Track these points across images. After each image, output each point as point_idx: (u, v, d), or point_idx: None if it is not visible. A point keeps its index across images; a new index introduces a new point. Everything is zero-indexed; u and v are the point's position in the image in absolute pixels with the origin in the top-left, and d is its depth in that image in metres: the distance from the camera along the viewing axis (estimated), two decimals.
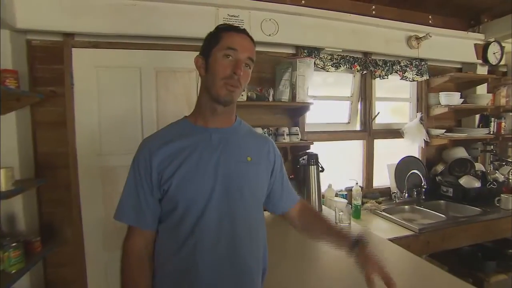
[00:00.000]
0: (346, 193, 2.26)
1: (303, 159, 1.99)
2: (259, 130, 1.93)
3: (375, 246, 1.48)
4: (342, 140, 2.46)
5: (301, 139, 2.11)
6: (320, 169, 1.95)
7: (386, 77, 2.45)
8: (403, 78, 2.54)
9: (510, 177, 2.71)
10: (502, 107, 2.77)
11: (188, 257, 0.82)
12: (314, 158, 1.98)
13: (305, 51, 2.16)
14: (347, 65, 2.30)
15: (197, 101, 0.93)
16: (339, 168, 2.44)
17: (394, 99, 2.78)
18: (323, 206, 2.03)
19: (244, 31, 0.88)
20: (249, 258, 0.88)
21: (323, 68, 2.24)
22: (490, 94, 2.73)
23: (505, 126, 2.79)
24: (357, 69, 2.34)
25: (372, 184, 2.53)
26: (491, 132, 2.74)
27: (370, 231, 1.77)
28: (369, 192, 2.45)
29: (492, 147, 2.75)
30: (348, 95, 2.53)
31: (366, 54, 2.41)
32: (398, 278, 1.13)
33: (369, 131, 2.50)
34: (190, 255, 0.82)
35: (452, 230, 2.02)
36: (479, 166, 2.65)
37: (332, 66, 2.24)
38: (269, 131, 2.04)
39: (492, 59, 2.81)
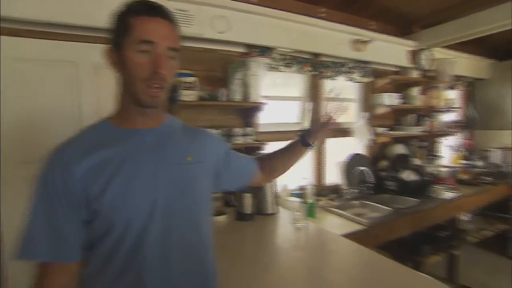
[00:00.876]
0: (301, 192, 2.29)
1: None
2: (212, 131, 1.85)
3: (331, 243, 1.52)
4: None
5: (255, 140, 2.08)
6: None
7: (335, 78, 2.55)
8: (350, 79, 2.68)
9: (440, 170, 3.02)
10: (432, 108, 3.09)
11: (135, 281, 0.70)
12: None
13: (257, 50, 2.14)
14: (298, 66, 2.33)
15: (118, 101, 0.77)
16: (292, 168, 2.46)
17: (343, 100, 2.91)
18: (279, 207, 2.02)
19: (159, 11, 0.70)
20: (205, 265, 0.81)
21: (275, 68, 2.24)
22: (422, 96, 3.03)
23: (435, 124, 3.11)
24: (308, 70, 2.40)
25: (324, 182, 2.61)
26: (424, 130, 3.03)
27: (325, 229, 1.81)
28: (321, 189, 2.52)
29: (425, 144, 3.05)
30: (297, 96, 2.58)
31: (316, 55, 2.48)
32: (352, 271, 1.16)
33: None
34: (136, 277, 0.70)
35: (397, 221, 2.17)
36: (417, 161, 2.91)
37: (285, 66, 2.26)
38: (222, 132, 1.97)
39: (423, 64, 3.11)
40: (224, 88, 1.94)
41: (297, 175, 2.44)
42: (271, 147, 2.13)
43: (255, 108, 2.08)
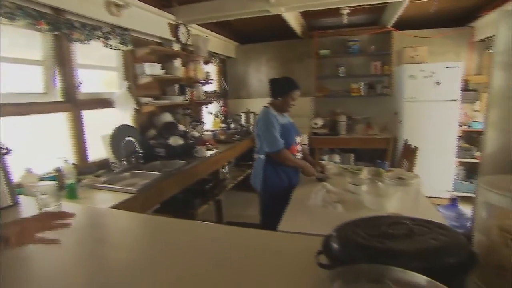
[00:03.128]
0: (56, 174, 1.96)
1: None
2: None
3: (99, 218, 1.39)
4: (40, 114, 2.05)
5: None
6: (4, 151, 1.51)
7: (87, 42, 2.26)
8: (107, 45, 2.47)
9: (203, 133, 3.53)
10: (192, 79, 3.48)
11: None
12: None
13: None
14: (28, 20, 1.86)
15: None
16: (41, 147, 2.05)
17: (101, 67, 2.68)
18: (18, 197, 1.62)
19: None
20: None
21: None
22: (183, 68, 3.33)
23: (196, 93, 3.54)
24: (45, 28, 1.97)
25: (87, 159, 2.37)
26: (187, 99, 3.38)
27: (91, 206, 1.66)
28: (85, 167, 2.27)
29: (189, 111, 3.43)
30: (38, 59, 2.10)
31: (58, 11, 2.07)
32: (128, 239, 1.11)
33: (74, 102, 2.25)
34: None
35: (166, 183, 2.34)
36: (182, 127, 3.22)
37: (5, 18, 1.73)
38: None
39: (182, 38, 3.39)
40: None
41: (51, 156, 2.06)
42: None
43: None
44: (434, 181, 3.61)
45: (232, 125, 4.44)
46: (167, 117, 3.08)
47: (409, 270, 0.57)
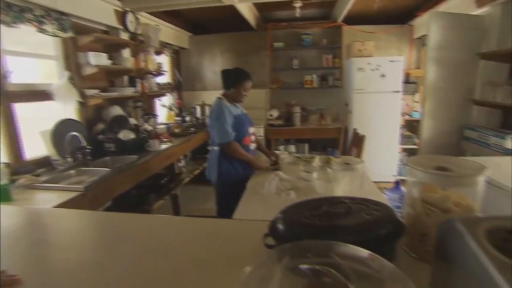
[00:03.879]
0: None
1: None
2: None
3: (36, 219, 1.27)
4: None
5: None
6: None
7: (15, 25, 2.02)
8: (41, 31, 2.24)
9: (156, 127, 3.41)
10: (143, 70, 3.32)
11: None
12: None
13: None
14: None
15: None
16: None
17: (36, 56, 2.43)
18: None
19: None
20: None
21: None
22: (133, 58, 3.15)
23: (147, 85, 3.39)
24: None
25: (23, 157, 2.15)
26: (138, 91, 3.22)
27: (29, 207, 1.52)
28: (21, 166, 2.06)
29: (140, 104, 3.27)
30: None
31: None
32: (77, 238, 1.03)
33: (3, 94, 2.01)
34: None
35: (116, 179, 2.23)
36: (133, 121, 3.07)
37: None
38: None
39: (130, 27, 3.21)
40: None
41: None
42: None
43: None
44: (381, 167, 3.91)
45: (187, 118, 4.34)
46: (117, 110, 2.91)
47: (348, 243, 0.62)
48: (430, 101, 3.16)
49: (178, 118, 4.29)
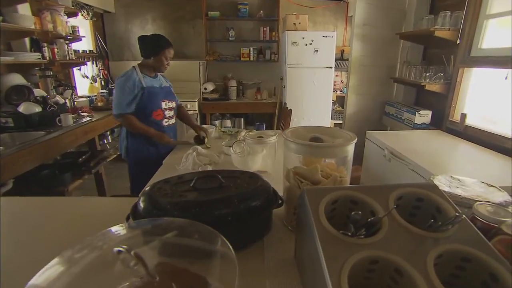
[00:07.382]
0: None
1: None
2: None
3: None
4: None
5: None
6: None
7: None
8: None
9: (73, 99, 3.04)
10: (51, 33, 2.86)
11: None
12: None
13: None
14: None
15: None
16: None
17: None
18: None
19: None
20: None
21: None
22: (35, 17, 2.68)
23: (58, 52, 2.95)
24: None
25: None
26: (46, 58, 2.79)
27: None
28: None
29: (51, 73, 2.85)
30: None
31: None
32: None
33: None
34: None
35: (12, 158, 1.94)
36: (40, 92, 2.68)
37: None
38: None
39: None
40: None
41: None
42: None
43: None
44: None
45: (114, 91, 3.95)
46: (17, 79, 2.49)
47: (218, 216, 0.61)
48: (355, 77, 3.33)
49: (103, 91, 3.89)
